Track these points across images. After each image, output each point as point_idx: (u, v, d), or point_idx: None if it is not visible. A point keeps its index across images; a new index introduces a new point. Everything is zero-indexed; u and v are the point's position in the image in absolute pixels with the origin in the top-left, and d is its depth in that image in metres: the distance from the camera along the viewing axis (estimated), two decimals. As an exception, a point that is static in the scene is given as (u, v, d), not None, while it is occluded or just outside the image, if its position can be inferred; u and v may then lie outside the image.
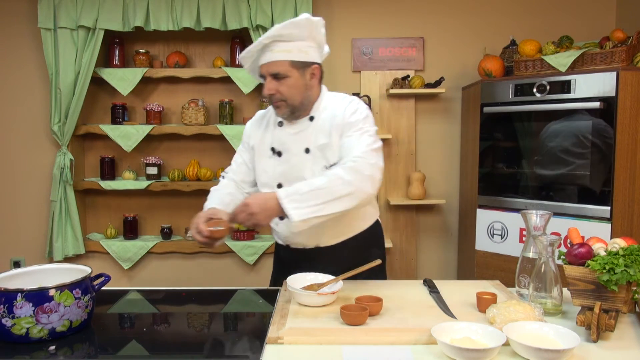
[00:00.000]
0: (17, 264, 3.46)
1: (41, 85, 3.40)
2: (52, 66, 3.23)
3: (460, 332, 1.17)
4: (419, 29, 3.44)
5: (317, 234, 1.73)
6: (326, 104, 1.71)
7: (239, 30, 3.26)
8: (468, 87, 3.29)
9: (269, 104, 1.75)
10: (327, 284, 1.49)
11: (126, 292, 1.67)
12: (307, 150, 1.69)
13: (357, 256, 1.76)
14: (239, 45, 3.35)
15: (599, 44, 2.74)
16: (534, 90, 2.77)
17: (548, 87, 2.72)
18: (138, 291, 1.71)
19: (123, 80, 3.30)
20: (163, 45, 3.49)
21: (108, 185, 3.32)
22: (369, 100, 3.37)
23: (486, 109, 2.96)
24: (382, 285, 1.68)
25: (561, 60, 2.72)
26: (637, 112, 2.50)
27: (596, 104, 2.54)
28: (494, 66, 3.00)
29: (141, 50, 3.36)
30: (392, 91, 3.30)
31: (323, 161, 1.66)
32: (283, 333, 1.23)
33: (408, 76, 3.35)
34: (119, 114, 3.37)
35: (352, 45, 3.44)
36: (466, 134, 3.32)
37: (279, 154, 1.73)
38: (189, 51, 3.49)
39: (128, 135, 3.30)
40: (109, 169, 3.40)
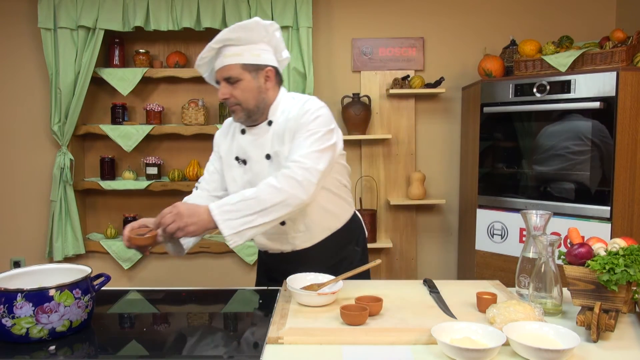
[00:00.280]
0: (17, 264, 3.46)
1: (41, 85, 3.40)
2: (52, 66, 3.23)
3: (460, 332, 1.17)
4: (419, 29, 3.44)
5: (291, 239, 1.73)
6: (284, 107, 1.69)
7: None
8: (468, 87, 3.29)
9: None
10: (327, 284, 1.49)
11: (126, 292, 1.67)
12: (268, 156, 1.67)
13: (336, 255, 1.78)
14: (239, 45, 3.34)
15: (599, 44, 2.74)
16: (534, 90, 2.77)
17: (548, 87, 2.72)
18: (138, 291, 1.71)
19: (123, 80, 3.30)
20: (163, 45, 3.49)
21: (108, 185, 3.32)
22: (369, 100, 3.37)
23: (486, 109, 2.96)
24: (382, 285, 1.68)
25: (561, 60, 2.72)
26: (637, 112, 2.50)
27: (596, 104, 2.54)
28: (494, 66, 3.00)
29: (141, 50, 3.36)
30: (392, 91, 3.30)
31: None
32: (283, 333, 1.22)
33: (408, 76, 3.35)
34: (119, 114, 3.37)
35: (352, 45, 3.44)
36: (466, 134, 3.32)
37: (244, 162, 1.72)
38: (189, 51, 3.49)
39: (128, 135, 3.30)
40: (109, 169, 3.40)
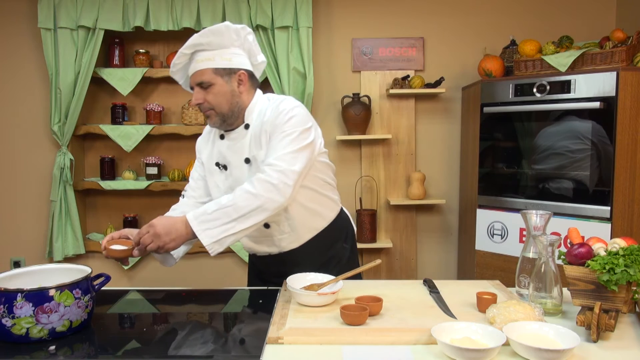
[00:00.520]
0: (17, 264, 3.46)
1: (41, 85, 3.40)
2: (52, 66, 3.23)
3: (460, 332, 1.17)
4: (419, 29, 3.44)
5: (277, 241, 1.73)
6: (259, 109, 1.68)
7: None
8: (468, 87, 3.29)
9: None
10: (327, 284, 1.49)
11: (126, 292, 1.67)
12: (247, 160, 1.66)
13: (324, 253, 1.78)
14: (239, 45, 3.35)
15: (599, 44, 2.74)
16: (534, 90, 2.77)
17: (548, 87, 2.72)
18: (138, 291, 1.71)
19: (123, 80, 3.30)
20: (163, 45, 3.49)
21: (108, 185, 3.32)
22: (369, 100, 3.37)
23: (486, 109, 2.96)
24: (382, 285, 1.68)
25: (561, 60, 2.72)
26: (637, 112, 2.50)
27: (596, 104, 2.54)
28: (494, 66, 3.00)
29: (141, 50, 3.36)
30: (392, 91, 3.30)
31: None
32: (283, 333, 1.22)
33: (408, 76, 3.35)
34: (119, 114, 3.37)
35: (352, 45, 3.44)
36: (466, 134, 3.32)
37: (225, 168, 1.71)
38: (189, 51, 3.48)
39: (128, 135, 3.30)
40: (109, 169, 3.40)
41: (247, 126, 1.67)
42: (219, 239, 1.47)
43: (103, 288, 1.40)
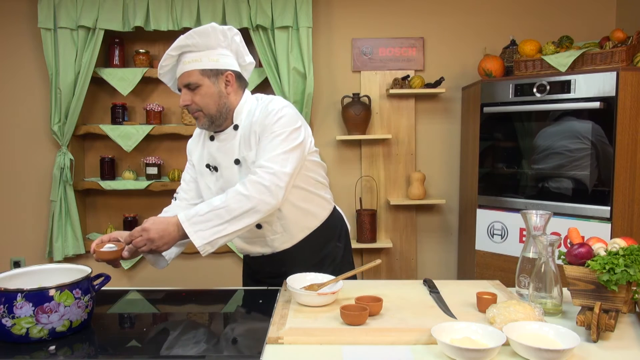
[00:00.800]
0: (17, 264, 3.46)
1: (41, 85, 3.40)
2: (52, 66, 3.23)
3: (460, 332, 1.17)
4: (419, 29, 3.44)
5: (269, 241, 1.73)
6: (248, 110, 1.67)
7: (239, 30, 3.24)
8: (468, 87, 3.29)
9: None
10: (327, 284, 1.49)
11: (126, 292, 1.67)
12: (237, 161, 1.66)
13: (318, 253, 1.77)
14: (239, 45, 3.35)
15: (599, 44, 2.74)
16: (534, 90, 2.77)
17: (548, 87, 2.72)
18: (138, 291, 1.71)
19: (123, 80, 3.30)
20: (163, 45, 3.49)
21: (108, 185, 3.32)
22: (369, 100, 3.37)
23: (486, 109, 2.96)
24: (382, 285, 1.68)
25: (561, 60, 2.72)
26: (637, 112, 2.50)
27: (596, 104, 2.54)
28: (494, 66, 3.00)
29: (141, 50, 3.36)
30: (392, 91, 3.30)
31: None
32: (283, 333, 1.23)
33: (408, 76, 3.35)
34: (119, 114, 3.37)
35: (352, 45, 3.44)
36: (466, 134, 3.32)
37: (215, 169, 1.71)
38: (189, 51, 3.48)
39: (128, 135, 3.30)
40: (109, 169, 3.40)
41: (236, 127, 1.67)
42: (211, 241, 1.48)
43: (103, 288, 1.41)
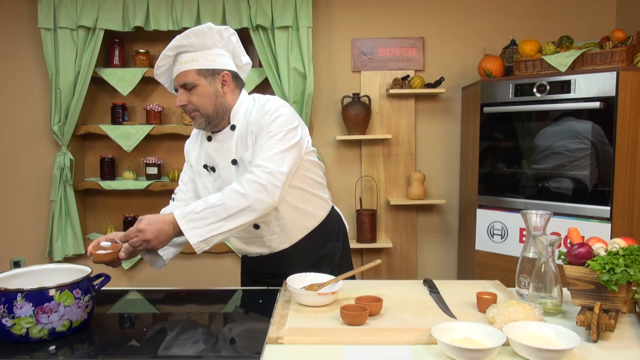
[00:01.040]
0: (17, 264, 3.46)
1: (41, 85, 3.40)
2: (52, 66, 3.23)
3: (460, 332, 1.17)
4: (419, 29, 3.44)
5: (267, 242, 1.73)
6: (245, 110, 1.68)
7: (239, 30, 3.26)
8: (468, 87, 3.29)
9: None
10: (327, 284, 1.49)
11: (126, 292, 1.67)
12: (234, 161, 1.66)
13: (316, 253, 1.77)
14: (239, 45, 3.35)
15: (599, 44, 2.74)
16: (534, 90, 2.77)
17: (548, 87, 2.72)
18: (138, 291, 1.71)
19: (123, 80, 3.30)
20: (163, 45, 3.43)
21: (108, 185, 3.32)
22: (369, 100, 3.37)
23: (486, 109, 2.96)
24: (382, 285, 1.68)
25: (561, 60, 2.72)
26: (637, 112, 2.50)
27: (596, 104, 2.54)
28: (494, 66, 3.00)
29: (141, 50, 3.36)
30: (392, 91, 3.30)
31: None
32: (283, 333, 1.23)
33: (408, 76, 3.35)
34: (119, 114, 3.37)
35: (352, 45, 3.44)
36: (466, 134, 3.32)
37: (213, 170, 1.71)
38: (189, 51, 3.48)
39: (128, 135, 3.30)
40: (109, 169, 3.40)
41: (233, 127, 1.67)
42: (206, 238, 1.47)
43: (103, 288, 1.41)
